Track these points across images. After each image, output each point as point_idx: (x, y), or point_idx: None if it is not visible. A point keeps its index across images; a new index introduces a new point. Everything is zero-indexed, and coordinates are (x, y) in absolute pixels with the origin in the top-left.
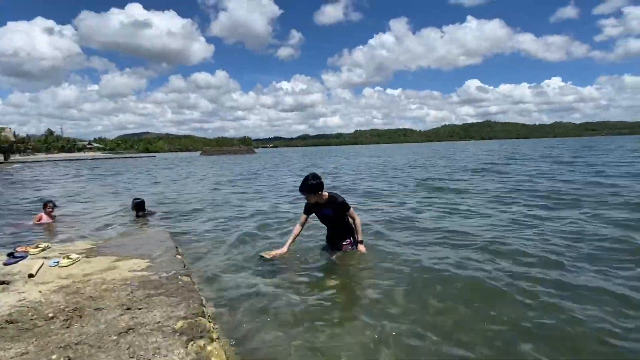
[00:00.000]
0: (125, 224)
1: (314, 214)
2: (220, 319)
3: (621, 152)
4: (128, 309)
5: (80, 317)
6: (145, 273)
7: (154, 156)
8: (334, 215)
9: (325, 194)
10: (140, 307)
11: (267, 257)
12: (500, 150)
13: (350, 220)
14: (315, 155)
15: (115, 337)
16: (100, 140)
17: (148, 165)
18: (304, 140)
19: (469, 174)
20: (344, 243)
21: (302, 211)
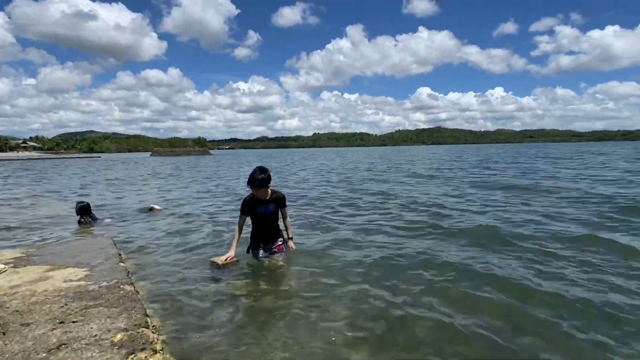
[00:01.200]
0: (63, 231)
1: None
2: (165, 330)
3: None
4: (61, 322)
5: (4, 334)
6: (82, 283)
7: (99, 157)
8: (274, 211)
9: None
10: (75, 320)
11: (219, 262)
12: (426, 155)
13: (281, 216)
14: (271, 157)
15: (44, 355)
16: (37, 139)
17: (91, 166)
18: (263, 142)
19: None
20: (279, 243)
21: (240, 212)
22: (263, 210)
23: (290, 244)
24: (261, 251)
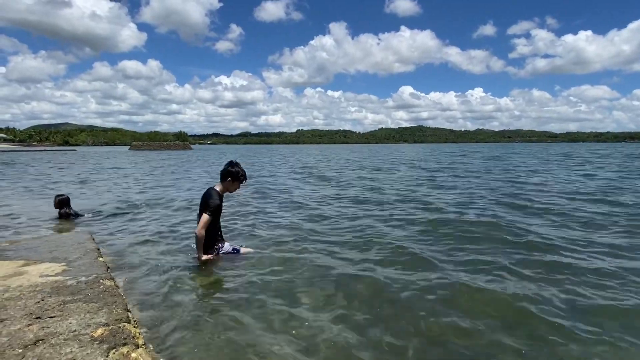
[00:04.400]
0: (38, 225)
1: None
2: (147, 324)
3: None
4: (37, 318)
5: None
6: (60, 278)
7: (75, 150)
8: None
9: None
10: (52, 315)
11: (203, 258)
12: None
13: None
14: (254, 152)
15: (20, 351)
16: (7, 130)
17: (66, 159)
18: (245, 138)
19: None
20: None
21: (214, 214)
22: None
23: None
24: (227, 244)
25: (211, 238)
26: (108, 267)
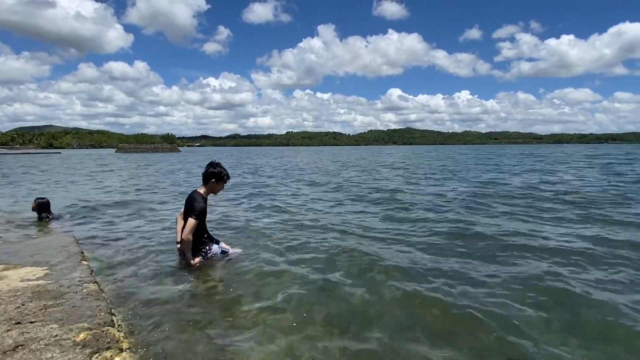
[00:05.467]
0: (19, 228)
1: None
2: (132, 328)
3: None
4: (17, 323)
5: None
6: (41, 282)
7: (59, 152)
8: None
9: None
10: (33, 320)
11: (193, 262)
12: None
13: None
14: (243, 155)
15: None
16: None
17: (50, 162)
18: (235, 140)
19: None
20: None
21: (200, 218)
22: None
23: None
24: (215, 246)
25: (198, 241)
26: (92, 271)
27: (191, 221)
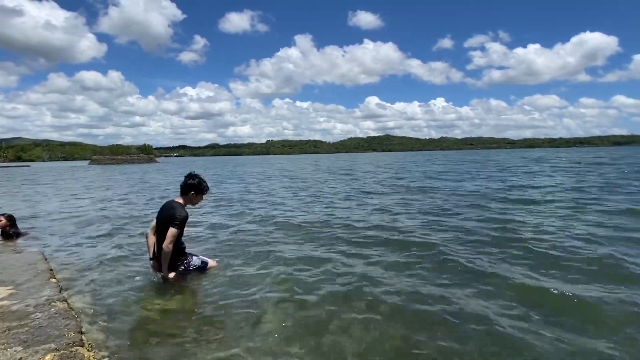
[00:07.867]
0: None
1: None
2: (103, 347)
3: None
4: None
5: None
6: (5, 302)
7: (29, 165)
8: None
9: None
10: None
11: (170, 277)
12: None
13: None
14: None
15: None
16: None
17: (19, 176)
18: (214, 149)
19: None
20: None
21: (181, 229)
22: None
23: None
24: (195, 258)
25: (177, 252)
26: (61, 288)
27: (172, 230)
